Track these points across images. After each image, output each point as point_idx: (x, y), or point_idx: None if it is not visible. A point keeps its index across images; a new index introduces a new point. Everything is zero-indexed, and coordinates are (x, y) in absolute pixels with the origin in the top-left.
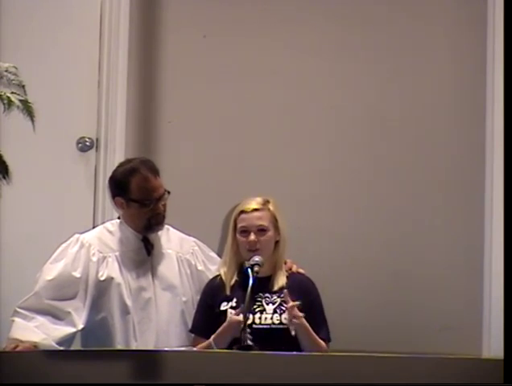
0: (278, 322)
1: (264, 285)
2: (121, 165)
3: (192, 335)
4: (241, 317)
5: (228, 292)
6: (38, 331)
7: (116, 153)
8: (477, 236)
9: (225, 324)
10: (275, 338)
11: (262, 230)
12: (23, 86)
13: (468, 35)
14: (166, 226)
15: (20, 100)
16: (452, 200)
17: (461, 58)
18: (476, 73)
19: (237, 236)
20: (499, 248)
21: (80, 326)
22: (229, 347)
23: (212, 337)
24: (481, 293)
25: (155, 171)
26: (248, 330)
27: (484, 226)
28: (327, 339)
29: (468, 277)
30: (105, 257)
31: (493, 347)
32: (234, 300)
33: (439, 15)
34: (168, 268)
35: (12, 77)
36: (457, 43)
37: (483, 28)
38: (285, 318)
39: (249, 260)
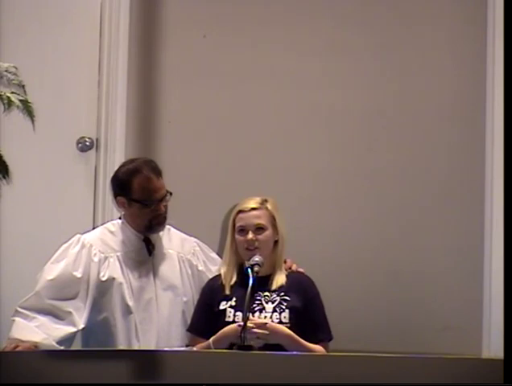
0: (277, 320)
1: (263, 283)
2: (124, 165)
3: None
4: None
5: (227, 291)
6: (38, 331)
7: (116, 153)
8: (477, 236)
9: (225, 329)
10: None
11: (260, 229)
12: (23, 86)
13: (468, 35)
14: (167, 226)
15: (20, 100)
16: (452, 200)
17: (461, 58)
18: (476, 73)
19: (236, 235)
20: (499, 248)
21: (81, 326)
22: (229, 347)
23: (212, 339)
24: (481, 293)
25: (158, 172)
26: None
27: (484, 226)
28: (328, 338)
29: (468, 277)
30: (106, 257)
31: (493, 347)
32: (234, 299)
33: (439, 15)
34: (169, 268)
35: (12, 77)
36: (457, 43)
37: (483, 28)
38: (284, 317)
39: (248, 259)
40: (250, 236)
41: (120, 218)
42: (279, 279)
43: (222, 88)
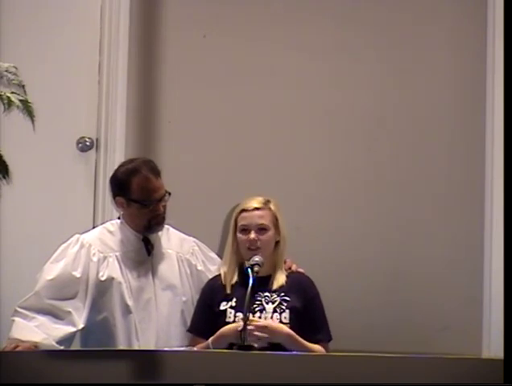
0: (277, 321)
1: (264, 284)
2: (122, 165)
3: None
4: (240, 323)
5: (228, 292)
6: (38, 331)
7: (116, 153)
8: (477, 236)
9: (224, 328)
10: None
11: (262, 229)
12: (23, 86)
13: (469, 35)
14: (166, 226)
15: (20, 100)
16: (452, 200)
17: (461, 58)
18: (476, 73)
19: (238, 234)
20: (499, 248)
21: (81, 326)
22: (229, 347)
23: (211, 339)
24: (481, 292)
25: (157, 172)
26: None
27: (484, 226)
28: (327, 339)
29: (468, 277)
30: (105, 257)
31: (493, 347)
32: (234, 299)
33: (439, 15)
34: (168, 268)
35: (12, 77)
36: (457, 43)
37: (483, 28)
38: (285, 317)
39: (249, 259)
40: (253, 235)
41: (119, 218)
42: (280, 279)
43: (222, 88)
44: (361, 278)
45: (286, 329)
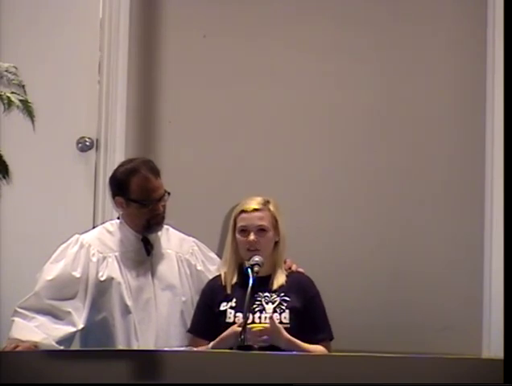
0: (277, 321)
1: (263, 284)
2: (122, 164)
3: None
4: (239, 322)
5: (228, 292)
6: (38, 331)
7: (116, 153)
8: (477, 236)
9: (225, 333)
10: None
11: (262, 230)
12: (23, 86)
13: (468, 35)
14: (165, 226)
15: (20, 100)
16: (452, 200)
17: (461, 58)
18: (476, 73)
19: (237, 235)
20: (499, 248)
21: (81, 326)
22: (229, 347)
23: (211, 344)
24: (481, 292)
25: (156, 172)
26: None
27: (484, 226)
28: (329, 338)
29: (468, 277)
30: (104, 257)
31: (493, 347)
32: (234, 300)
33: (439, 15)
34: (168, 268)
35: (12, 77)
36: (457, 43)
37: (483, 28)
38: (285, 317)
39: (248, 259)
40: (252, 237)
41: (118, 218)
42: (279, 279)
43: (222, 88)
44: (361, 278)
45: (284, 332)
